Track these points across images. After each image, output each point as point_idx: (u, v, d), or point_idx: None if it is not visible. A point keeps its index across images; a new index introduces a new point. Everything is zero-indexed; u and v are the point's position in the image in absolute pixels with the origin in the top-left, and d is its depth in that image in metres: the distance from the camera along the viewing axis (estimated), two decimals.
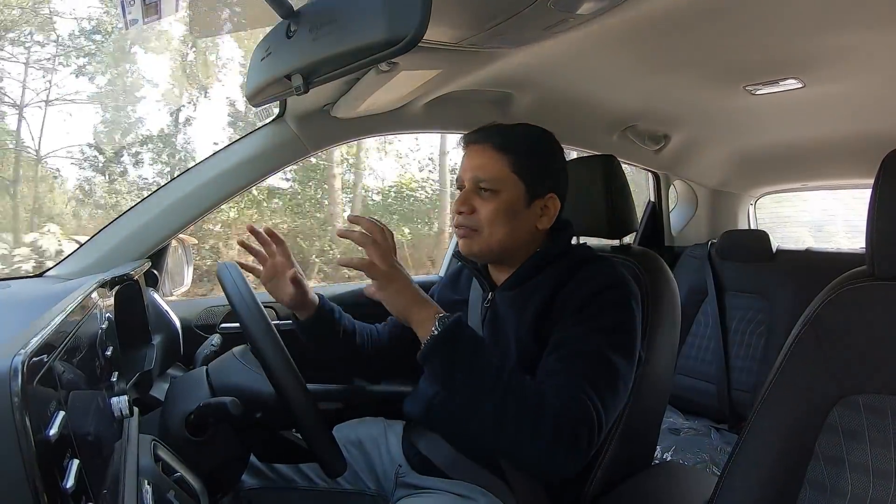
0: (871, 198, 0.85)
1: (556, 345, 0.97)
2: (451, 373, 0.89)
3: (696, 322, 2.41)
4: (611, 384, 0.94)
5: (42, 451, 0.42)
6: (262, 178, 1.46)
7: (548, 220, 1.10)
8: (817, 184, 2.79)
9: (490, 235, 1.06)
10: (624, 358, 0.97)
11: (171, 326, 1.31)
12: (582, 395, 0.89)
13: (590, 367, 0.93)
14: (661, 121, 2.01)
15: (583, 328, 0.97)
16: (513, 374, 0.89)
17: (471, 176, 1.07)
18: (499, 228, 1.06)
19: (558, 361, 0.95)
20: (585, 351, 0.94)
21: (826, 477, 0.83)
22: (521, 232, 1.08)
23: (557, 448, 0.85)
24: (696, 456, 1.95)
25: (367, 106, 1.42)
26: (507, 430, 0.86)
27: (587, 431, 0.87)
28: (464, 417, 0.94)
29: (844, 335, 0.86)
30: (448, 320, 0.90)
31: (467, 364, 0.88)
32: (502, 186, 1.06)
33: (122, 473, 0.67)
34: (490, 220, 1.05)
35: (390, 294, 0.93)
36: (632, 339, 1.01)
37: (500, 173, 1.06)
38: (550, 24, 1.04)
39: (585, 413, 0.88)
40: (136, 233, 1.33)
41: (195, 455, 0.90)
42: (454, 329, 0.89)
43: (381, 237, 0.95)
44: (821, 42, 1.20)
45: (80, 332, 0.66)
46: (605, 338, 0.96)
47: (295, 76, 0.85)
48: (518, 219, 1.07)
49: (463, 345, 0.90)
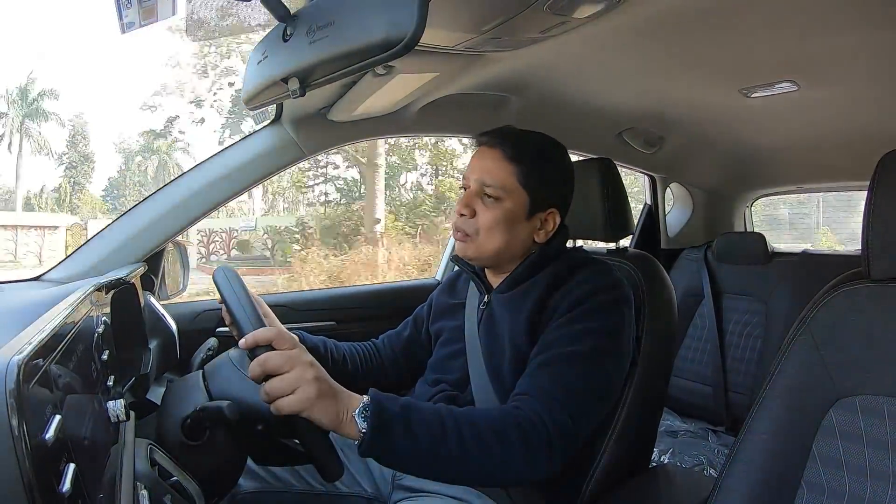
0: (867, 200, 0.85)
1: (542, 347, 0.98)
2: (397, 455, 0.82)
3: (692, 325, 2.41)
4: (591, 386, 0.94)
5: (38, 454, 0.42)
6: (259, 181, 1.46)
7: (544, 235, 1.11)
8: (812, 186, 2.81)
9: (485, 242, 1.07)
10: (610, 360, 0.98)
11: (168, 330, 1.31)
12: (553, 400, 0.90)
13: (570, 369, 0.94)
14: (657, 124, 2.01)
15: (569, 330, 0.98)
16: (452, 414, 0.86)
17: (477, 178, 1.07)
18: (495, 237, 1.06)
19: (539, 366, 0.96)
20: (568, 353, 0.95)
21: (823, 478, 0.83)
22: (517, 242, 1.09)
23: (533, 458, 0.86)
24: (693, 458, 1.96)
25: (363, 109, 1.42)
26: (478, 462, 0.84)
27: (559, 436, 0.88)
28: (432, 471, 0.87)
29: (840, 337, 0.86)
30: (368, 411, 0.79)
31: (409, 440, 0.81)
32: (506, 195, 1.06)
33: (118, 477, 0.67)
34: (488, 227, 1.06)
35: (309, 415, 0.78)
36: (619, 342, 1.01)
37: (507, 182, 1.06)
38: (546, 28, 1.05)
39: (556, 417, 0.88)
40: (133, 236, 1.33)
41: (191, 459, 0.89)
42: (378, 417, 0.79)
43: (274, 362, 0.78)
44: (815, 45, 1.21)
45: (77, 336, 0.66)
46: (592, 340, 0.97)
47: (291, 79, 0.85)
48: (516, 229, 1.08)
49: (395, 426, 0.81)
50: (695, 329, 2.40)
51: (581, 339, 0.97)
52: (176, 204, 1.36)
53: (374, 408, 0.80)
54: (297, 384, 0.76)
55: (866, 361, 0.83)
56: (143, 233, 1.33)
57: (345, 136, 1.55)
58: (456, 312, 1.21)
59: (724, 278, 2.39)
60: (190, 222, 1.38)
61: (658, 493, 1.18)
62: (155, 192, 1.40)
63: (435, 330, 1.25)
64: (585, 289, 1.02)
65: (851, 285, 0.88)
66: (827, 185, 2.76)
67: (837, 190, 2.90)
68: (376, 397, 0.81)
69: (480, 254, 1.08)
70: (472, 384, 1.10)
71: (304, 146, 1.47)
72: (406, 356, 1.31)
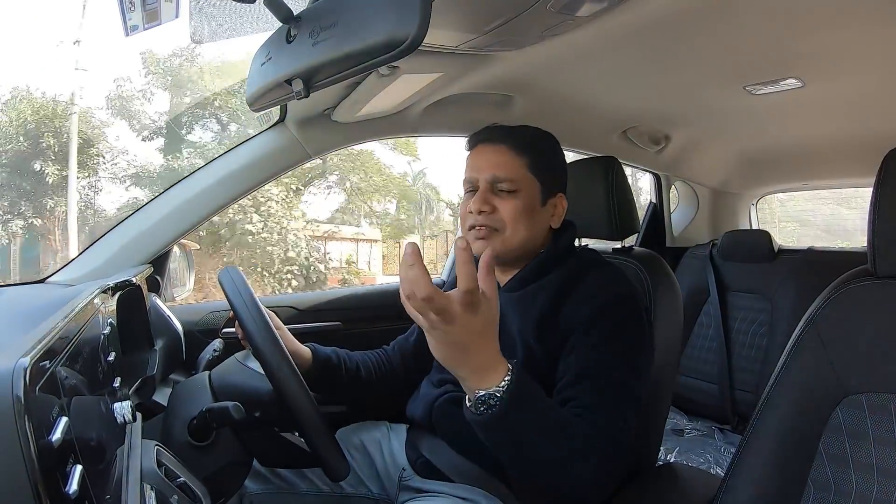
0: (873, 197, 0.85)
1: (580, 374, 0.95)
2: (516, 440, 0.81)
3: (698, 323, 2.40)
4: (632, 407, 0.95)
5: (45, 456, 0.42)
6: (263, 182, 1.47)
7: (557, 220, 1.13)
8: (818, 183, 2.80)
9: (513, 234, 1.07)
10: (640, 379, 0.99)
11: (174, 331, 1.31)
12: (614, 429, 0.90)
13: (616, 396, 0.93)
14: (662, 122, 2.01)
15: (601, 354, 0.96)
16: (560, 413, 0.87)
17: (488, 175, 1.08)
18: (521, 227, 1.07)
19: (591, 394, 0.93)
20: (612, 381, 0.94)
21: (830, 476, 0.83)
22: (539, 230, 1.10)
23: (597, 483, 0.86)
24: (699, 457, 1.95)
25: (367, 110, 1.42)
26: (554, 468, 0.84)
27: (621, 462, 0.89)
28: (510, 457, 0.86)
29: (846, 334, 0.86)
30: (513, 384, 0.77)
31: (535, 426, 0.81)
32: (521, 186, 1.07)
33: (124, 479, 0.67)
34: (513, 218, 1.06)
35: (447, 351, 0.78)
36: (647, 359, 1.04)
37: (519, 173, 1.07)
38: (550, 27, 1.05)
39: (618, 446, 0.89)
40: (138, 238, 1.34)
41: (198, 460, 0.90)
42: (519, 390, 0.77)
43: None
44: (820, 41, 1.20)
45: (83, 338, 0.66)
46: (625, 363, 0.97)
47: (295, 81, 0.85)
48: (536, 218, 1.09)
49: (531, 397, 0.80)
50: (700, 327, 2.39)
51: (615, 364, 0.95)
52: (181, 205, 1.37)
53: (517, 373, 0.78)
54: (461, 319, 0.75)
55: (873, 359, 0.83)
56: (148, 234, 1.34)
57: (349, 137, 1.55)
58: None
59: (729, 276, 2.38)
60: (195, 224, 1.39)
61: (664, 492, 1.18)
62: (160, 194, 1.40)
63: None
64: (602, 300, 1.00)
65: (857, 282, 0.87)
66: (833, 182, 2.74)
67: (843, 187, 2.87)
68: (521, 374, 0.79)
69: (507, 248, 1.07)
70: None
71: (308, 147, 1.47)
72: (416, 360, 1.30)
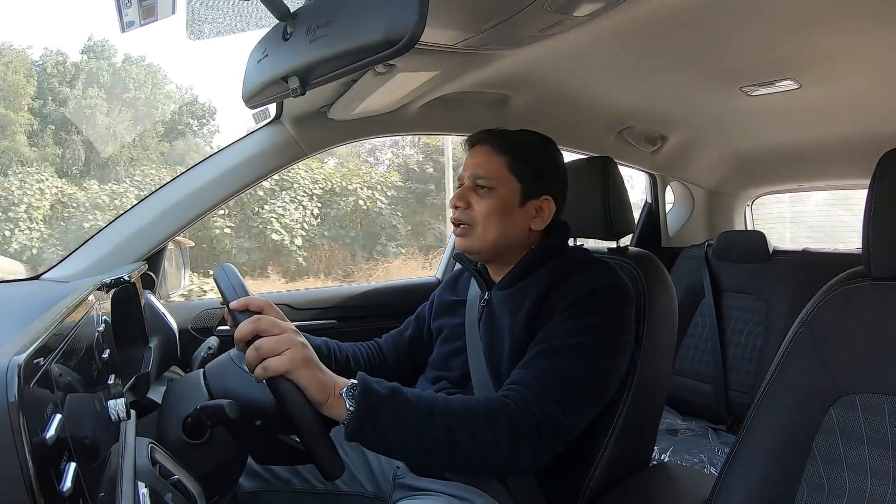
0: (868, 198, 0.85)
1: (538, 340, 0.99)
2: (383, 438, 0.82)
3: (693, 323, 2.41)
4: (583, 380, 0.95)
5: (39, 453, 0.42)
6: (259, 180, 1.46)
7: (541, 222, 1.13)
8: (814, 184, 2.81)
9: (484, 231, 1.09)
10: (604, 356, 0.98)
11: (168, 329, 1.31)
12: (544, 391, 0.90)
13: (562, 361, 0.94)
14: (658, 122, 2.01)
15: (566, 325, 0.98)
16: (440, 399, 0.86)
17: (470, 174, 1.12)
18: (493, 225, 1.09)
19: (532, 357, 0.96)
20: (562, 346, 0.96)
21: (824, 477, 0.83)
22: (514, 230, 1.11)
23: (519, 447, 0.86)
24: (693, 457, 1.95)
25: (364, 108, 1.42)
26: (463, 449, 0.84)
27: (547, 426, 0.88)
28: (417, 456, 0.88)
29: (841, 335, 0.86)
30: (356, 391, 0.80)
31: (396, 423, 0.81)
32: (498, 184, 1.09)
33: (118, 476, 0.67)
34: (485, 215, 1.09)
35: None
36: (616, 339, 1.01)
37: (497, 171, 1.10)
38: (546, 26, 1.05)
39: (545, 408, 0.89)
40: (133, 236, 1.33)
41: (192, 458, 0.89)
42: (366, 397, 0.80)
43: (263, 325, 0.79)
44: (816, 43, 1.21)
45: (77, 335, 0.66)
46: (587, 336, 0.97)
47: (292, 78, 0.85)
48: (511, 217, 1.10)
49: (382, 407, 0.81)
50: (695, 328, 2.40)
51: (576, 334, 0.97)
52: (176, 203, 1.37)
53: (361, 388, 0.80)
54: (287, 345, 0.77)
55: (867, 360, 0.83)
56: (143, 232, 1.34)
57: (345, 135, 1.55)
58: (457, 310, 1.22)
59: (724, 277, 2.38)
60: (190, 221, 1.38)
61: (658, 492, 1.18)
62: (155, 191, 1.40)
63: (436, 327, 1.26)
64: (586, 286, 1.02)
65: (852, 283, 0.88)
66: (828, 183, 2.75)
67: (838, 188, 2.89)
68: (364, 378, 0.82)
69: (481, 244, 1.11)
70: (473, 381, 1.10)
71: (304, 145, 1.47)
72: (409, 355, 1.32)
